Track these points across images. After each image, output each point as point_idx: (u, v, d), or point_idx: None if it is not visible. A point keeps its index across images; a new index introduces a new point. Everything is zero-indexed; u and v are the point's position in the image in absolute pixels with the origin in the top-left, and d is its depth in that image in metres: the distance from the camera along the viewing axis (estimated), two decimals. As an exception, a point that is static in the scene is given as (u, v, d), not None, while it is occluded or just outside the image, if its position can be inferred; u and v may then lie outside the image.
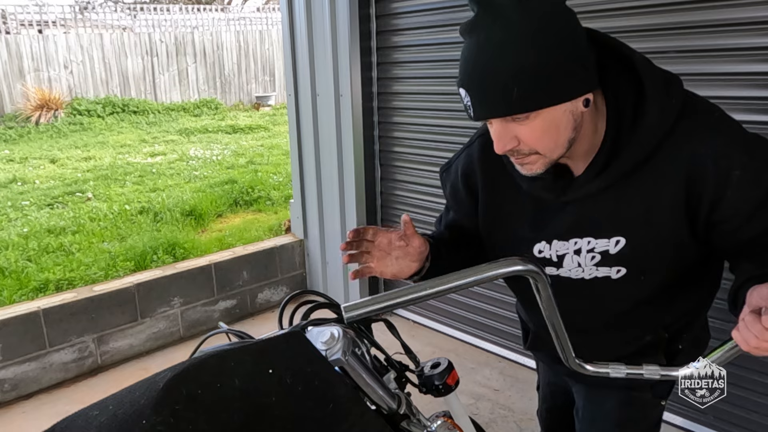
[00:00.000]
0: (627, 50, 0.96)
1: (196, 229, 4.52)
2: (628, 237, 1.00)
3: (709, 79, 1.93)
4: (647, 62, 0.96)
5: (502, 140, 0.92)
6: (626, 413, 1.22)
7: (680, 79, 0.97)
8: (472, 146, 1.17)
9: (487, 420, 2.44)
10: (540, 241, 1.09)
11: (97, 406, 0.77)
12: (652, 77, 0.94)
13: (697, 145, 0.92)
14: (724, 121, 0.95)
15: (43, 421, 0.91)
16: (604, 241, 1.02)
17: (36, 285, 3.28)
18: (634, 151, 0.94)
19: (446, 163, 1.26)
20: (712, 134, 0.93)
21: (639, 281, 1.04)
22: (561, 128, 0.90)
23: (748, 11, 1.81)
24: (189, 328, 3.24)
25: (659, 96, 0.93)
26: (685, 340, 1.16)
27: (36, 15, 11.03)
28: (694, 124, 0.94)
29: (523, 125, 0.89)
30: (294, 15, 3.19)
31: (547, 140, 0.91)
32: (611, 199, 0.99)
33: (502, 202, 1.13)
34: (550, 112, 0.88)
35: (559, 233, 1.06)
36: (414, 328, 3.26)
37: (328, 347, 0.91)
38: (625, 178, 0.97)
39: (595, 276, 1.07)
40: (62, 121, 9.53)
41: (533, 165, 0.95)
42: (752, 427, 2.09)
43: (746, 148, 0.92)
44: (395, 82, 2.99)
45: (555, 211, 1.06)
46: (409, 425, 1.04)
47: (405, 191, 3.12)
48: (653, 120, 0.92)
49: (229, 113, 11.23)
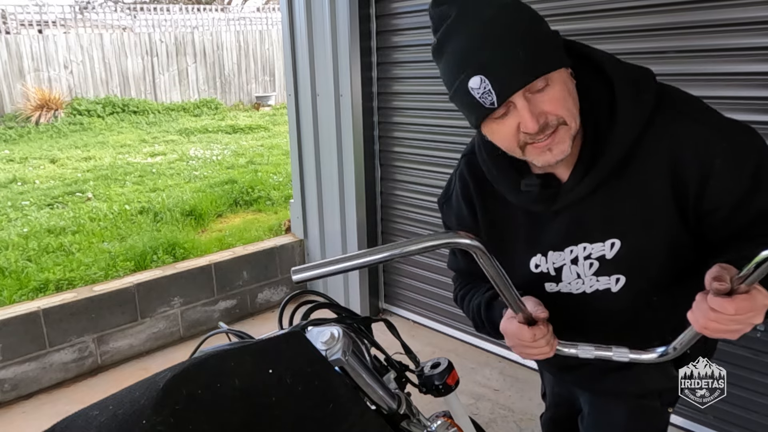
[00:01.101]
0: (589, 50, 0.98)
1: (196, 229, 4.52)
2: (622, 238, 0.99)
3: (709, 79, 1.93)
4: (613, 60, 0.97)
5: (533, 116, 0.88)
6: (635, 422, 1.20)
7: (652, 73, 0.98)
8: (460, 168, 1.15)
9: (487, 420, 2.44)
10: (535, 254, 1.08)
11: (97, 406, 0.77)
12: (619, 74, 0.95)
13: (676, 137, 0.93)
14: (702, 110, 0.96)
15: (43, 421, 0.91)
16: (599, 245, 1.01)
17: (36, 285, 3.28)
18: (615, 149, 0.94)
19: (442, 194, 1.21)
20: (690, 124, 0.93)
21: (639, 290, 1.03)
22: (571, 94, 0.91)
23: (748, 11, 1.81)
24: (189, 328, 3.24)
25: (629, 91, 0.93)
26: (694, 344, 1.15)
27: (36, 15, 11.03)
28: (672, 115, 0.94)
29: (545, 94, 0.88)
30: (294, 15, 3.19)
31: (567, 104, 0.90)
32: (600, 201, 0.99)
33: (495, 218, 1.11)
34: (561, 75, 0.90)
35: (553, 244, 1.05)
36: (414, 328, 3.26)
37: (328, 347, 0.91)
38: (611, 178, 0.96)
39: (596, 289, 1.05)
40: (62, 121, 9.54)
41: (563, 143, 0.91)
42: (752, 427, 2.09)
43: (725, 135, 0.92)
44: (395, 82, 2.99)
45: (547, 222, 1.05)
46: (409, 425, 1.04)
47: (405, 191, 3.12)
48: (627, 116, 0.93)
49: (229, 113, 11.23)
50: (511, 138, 0.92)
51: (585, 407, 1.29)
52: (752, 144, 0.93)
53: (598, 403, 1.25)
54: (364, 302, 3.35)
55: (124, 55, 11.01)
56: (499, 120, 0.91)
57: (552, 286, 1.09)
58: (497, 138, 0.95)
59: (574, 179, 0.98)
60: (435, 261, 3.06)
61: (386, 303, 3.47)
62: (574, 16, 2.20)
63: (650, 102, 0.93)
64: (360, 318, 1.12)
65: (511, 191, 1.03)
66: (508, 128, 0.91)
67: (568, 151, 0.92)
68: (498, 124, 0.92)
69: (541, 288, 1.10)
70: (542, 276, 1.08)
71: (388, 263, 3.33)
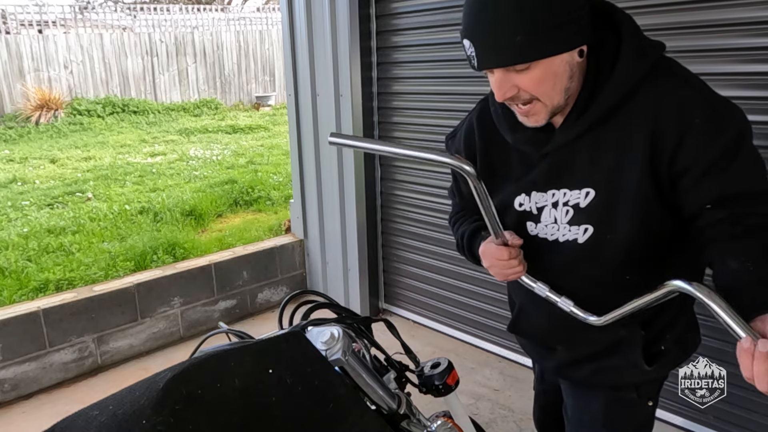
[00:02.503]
0: (614, 10, 1.01)
1: (196, 229, 4.52)
2: (597, 189, 1.02)
3: (709, 79, 1.92)
4: (632, 23, 1.00)
5: (502, 88, 0.96)
6: (612, 413, 1.22)
7: (663, 46, 1.01)
8: (473, 112, 1.23)
9: (487, 420, 2.44)
10: (520, 193, 1.13)
11: (97, 406, 0.77)
12: (630, 35, 0.98)
13: (664, 92, 0.96)
14: (697, 80, 0.99)
15: (43, 421, 0.91)
16: (576, 192, 1.05)
17: (36, 285, 3.28)
18: (606, 98, 0.97)
19: (452, 131, 1.30)
20: (681, 85, 0.96)
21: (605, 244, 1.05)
22: (558, 77, 0.95)
23: (748, 11, 1.81)
24: (189, 328, 3.24)
25: (633, 51, 0.97)
26: (668, 340, 1.15)
27: (36, 15, 11.02)
28: (666, 76, 0.98)
29: (523, 74, 0.94)
30: (294, 15, 3.19)
31: (545, 87, 0.95)
32: (585, 148, 1.02)
33: (493, 160, 1.18)
34: (551, 61, 0.93)
35: (537, 183, 1.10)
36: (414, 328, 3.26)
37: (328, 347, 0.91)
38: (597, 126, 1.00)
39: (566, 239, 1.09)
40: (62, 121, 9.53)
41: (537, 115, 0.99)
42: (752, 427, 2.09)
43: (712, 104, 0.94)
44: (395, 82, 2.99)
45: (536, 165, 1.10)
46: (409, 425, 1.04)
47: (405, 191, 3.12)
48: (623, 68, 0.96)
49: (229, 113, 11.23)
50: (496, 92, 0.98)
51: (566, 398, 1.32)
52: (735, 119, 0.94)
53: (577, 393, 1.28)
54: (364, 302, 3.35)
55: (124, 55, 11.01)
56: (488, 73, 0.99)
57: (532, 227, 1.14)
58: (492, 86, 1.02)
59: (567, 123, 1.02)
60: (435, 261, 3.06)
61: (386, 303, 3.47)
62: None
63: (649, 63, 0.97)
64: (360, 318, 1.12)
65: (509, 130, 1.10)
66: (492, 83, 0.98)
67: (542, 122, 1.00)
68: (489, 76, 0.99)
69: (523, 227, 1.15)
70: (525, 214, 1.13)
71: (388, 263, 3.34)
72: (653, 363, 1.13)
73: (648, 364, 1.12)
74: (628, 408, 1.21)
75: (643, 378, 1.16)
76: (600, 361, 1.17)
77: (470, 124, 1.21)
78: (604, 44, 0.99)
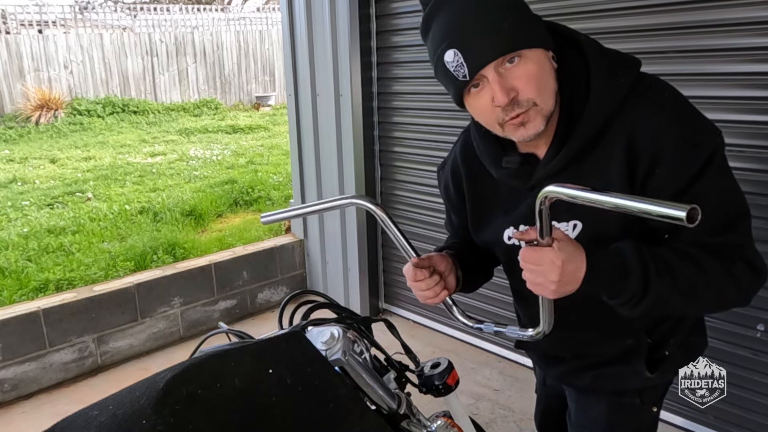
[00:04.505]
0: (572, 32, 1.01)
1: (196, 229, 4.52)
2: (584, 221, 1.02)
3: (709, 79, 1.93)
4: (592, 42, 1.00)
5: (502, 91, 0.92)
6: (615, 419, 1.22)
7: (637, 62, 1.00)
8: (457, 144, 1.23)
9: (487, 420, 2.44)
10: (508, 227, 1.13)
11: (97, 406, 0.77)
12: (595, 55, 0.98)
13: (639, 120, 0.95)
14: (673, 101, 0.97)
15: (43, 421, 0.90)
16: (563, 225, 1.04)
17: (36, 285, 3.28)
18: (584, 129, 0.97)
19: (442, 162, 1.31)
20: (655, 110, 0.95)
21: None
22: (548, 74, 0.95)
23: (748, 11, 1.81)
24: (189, 328, 3.24)
25: (603, 72, 0.96)
26: (672, 345, 1.15)
27: (36, 15, 11.02)
28: (642, 100, 0.96)
29: (517, 68, 0.92)
30: (294, 15, 3.19)
31: (541, 84, 0.94)
32: (569, 180, 1.00)
33: (481, 192, 1.18)
34: (537, 54, 0.93)
35: (525, 217, 1.09)
36: (414, 328, 3.26)
37: (328, 347, 0.91)
38: (580, 156, 0.99)
39: None
40: (62, 121, 9.53)
41: (534, 122, 0.95)
42: (752, 427, 2.09)
43: (684, 132, 0.93)
44: (395, 82, 2.99)
45: (524, 198, 1.09)
46: (409, 425, 1.04)
47: (405, 191, 3.12)
48: (597, 95, 0.95)
49: (229, 113, 11.23)
50: (489, 113, 0.96)
51: (570, 404, 1.32)
52: (707, 145, 0.93)
53: (580, 399, 1.28)
54: (364, 302, 3.35)
55: (124, 55, 11.01)
56: (475, 95, 0.96)
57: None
58: (477, 114, 1.00)
59: (549, 156, 1.02)
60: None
61: (386, 303, 3.47)
62: (574, 16, 2.20)
63: (625, 86, 0.96)
64: (360, 318, 1.12)
65: (493, 166, 1.10)
66: (483, 103, 0.96)
67: (541, 128, 0.96)
68: (475, 99, 0.97)
69: (515, 260, 1.13)
70: (514, 248, 1.12)
71: (388, 263, 3.34)
72: (656, 369, 1.12)
73: (651, 371, 1.12)
74: (631, 413, 1.21)
75: (646, 384, 1.15)
76: (603, 368, 1.17)
77: (455, 160, 1.22)
78: (573, 70, 0.99)
